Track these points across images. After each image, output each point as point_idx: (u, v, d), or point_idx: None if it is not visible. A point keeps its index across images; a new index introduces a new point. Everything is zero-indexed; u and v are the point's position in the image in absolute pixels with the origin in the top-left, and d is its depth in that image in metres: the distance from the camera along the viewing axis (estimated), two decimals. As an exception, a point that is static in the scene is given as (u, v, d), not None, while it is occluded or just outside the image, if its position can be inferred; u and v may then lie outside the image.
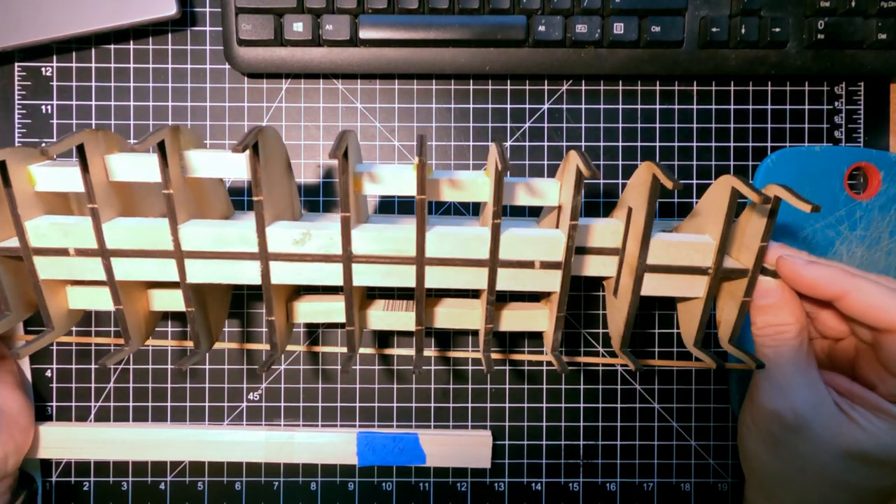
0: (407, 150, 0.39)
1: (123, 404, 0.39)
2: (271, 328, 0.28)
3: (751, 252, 0.28)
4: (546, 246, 0.28)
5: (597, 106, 0.39)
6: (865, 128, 0.39)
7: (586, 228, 0.29)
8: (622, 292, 0.29)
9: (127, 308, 0.28)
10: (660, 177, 0.25)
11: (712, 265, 0.28)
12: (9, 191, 0.26)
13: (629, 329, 0.29)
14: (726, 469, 0.40)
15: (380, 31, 0.35)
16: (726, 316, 0.30)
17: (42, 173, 0.28)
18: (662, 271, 0.28)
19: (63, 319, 0.30)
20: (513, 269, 0.28)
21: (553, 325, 0.29)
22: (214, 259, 0.27)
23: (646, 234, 0.27)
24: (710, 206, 0.29)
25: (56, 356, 0.39)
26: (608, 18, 0.35)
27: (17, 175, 0.27)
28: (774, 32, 0.35)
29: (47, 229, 0.27)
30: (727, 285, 0.30)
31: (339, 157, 0.24)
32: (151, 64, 0.38)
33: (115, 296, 0.28)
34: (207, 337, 0.30)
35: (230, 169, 0.27)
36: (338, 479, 0.39)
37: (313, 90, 0.39)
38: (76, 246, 0.27)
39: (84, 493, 0.39)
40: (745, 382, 0.38)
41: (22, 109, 0.38)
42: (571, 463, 0.40)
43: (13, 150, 0.27)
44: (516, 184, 0.29)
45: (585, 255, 0.29)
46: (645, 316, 0.39)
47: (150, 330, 0.31)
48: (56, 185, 0.28)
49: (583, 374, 0.39)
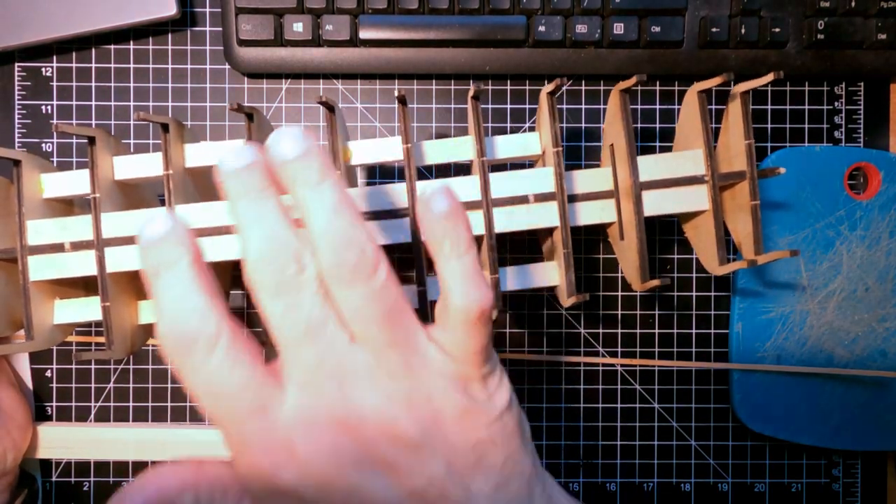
0: (407, 150, 0.39)
1: (123, 404, 0.39)
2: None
3: (742, 156, 0.28)
4: (537, 179, 0.28)
5: (597, 106, 0.39)
6: (865, 128, 0.39)
7: (573, 176, 0.29)
8: (627, 226, 0.28)
9: (114, 310, 0.28)
10: (623, 84, 0.27)
11: (706, 171, 0.28)
12: (19, 185, 0.27)
13: (644, 259, 0.27)
14: (726, 469, 0.40)
15: (380, 31, 0.35)
16: (742, 231, 0.29)
17: (50, 180, 0.29)
18: (660, 186, 0.28)
19: (45, 334, 0.29)
20: (507, 208, 0.28)
21: (563, 266, 0.28)
22: (211, 236, 0.28)
23: (631, 153, 0.27)
24: (687, 125, 0.30)
25: (56, 356, 0.39)
26: (608, 18, 0.35)
27: (28, 180, 0.28)
28: (774, 32, 0.35)
29: (46, 226, 0.28)
30: (730, 198, 0.29)
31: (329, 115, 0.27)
32: (151, 64, 0.38)
33: (104, 292, 0.27)
34: (121, 340, 0.28)
35: None
36: (338, 479, 0.39)
37: (313, 90, 0.39)
38: (72, 240, 0.28)
39: (84, 493, 0.39)
40: (746, 382, 0.38)
41: (22, 109, 0.38)
42: (571, 463, 0.40)
43: (28, 156, 0.28)
44: (496, 138, 0.30)
45: (579, 203, 0.29)
46: (645, 316, 0.39)
47: (135, 343, 0.30)
48: (63, 190, 0.29)
49: (583, 374, 0.39)
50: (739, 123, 0.28)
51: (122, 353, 0.28)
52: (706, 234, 0.29)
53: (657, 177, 0.28)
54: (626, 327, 0.39)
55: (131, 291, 0.30)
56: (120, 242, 0.28)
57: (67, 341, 0.38)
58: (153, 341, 0.38)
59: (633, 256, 0.28)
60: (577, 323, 0.39)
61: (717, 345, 0.39)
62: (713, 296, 0.39)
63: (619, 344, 0.39)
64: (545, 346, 0.39)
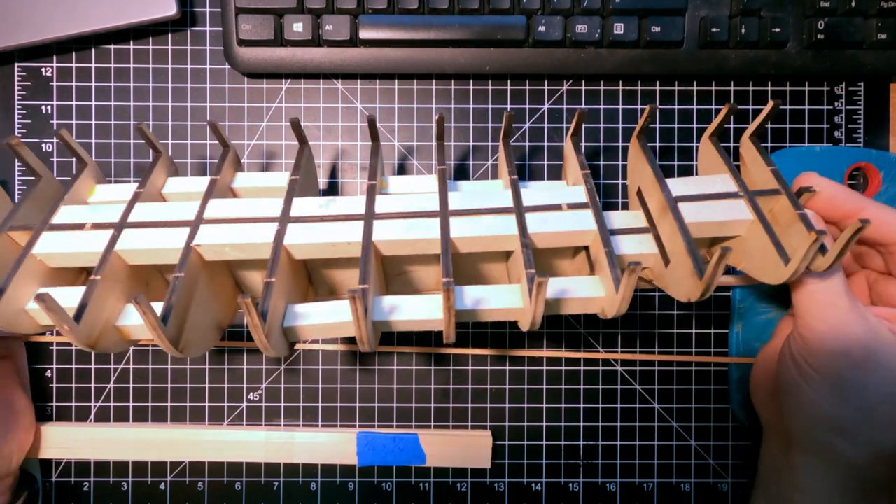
0: (406, 149, 0.39)
1: (123, 404, 0.39)
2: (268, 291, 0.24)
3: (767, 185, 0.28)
4: (568, 193, 0.29)
5: (597, 106, 0.39)
6: (865, 128, 0.38)
7: (607, 217, 0.28)
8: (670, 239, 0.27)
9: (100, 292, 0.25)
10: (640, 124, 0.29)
11: (737, 187, 0.28)
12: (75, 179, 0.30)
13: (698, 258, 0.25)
14: (726, 469, 0.40)
15: (380, 31, 0.35)
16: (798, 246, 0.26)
17: (101, 189, 0.31)
18: (695, 200, 0.28)
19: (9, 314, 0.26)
20: (541, 213, 0.28)
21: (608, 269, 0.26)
22: (232, 224, 0.27)
23: (659, 177, 0.28)
24: (708, 169, 0.30)
25: (56, 356, 0.39)
26: (608, 18, 0.35)
27: (84, 183, 0.31)
28: (774, 32, 0.35)
29: (78, 209, 0.29)
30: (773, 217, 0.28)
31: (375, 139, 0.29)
32: (151, 64, 0.38)
33: (101, 264, 0.26)
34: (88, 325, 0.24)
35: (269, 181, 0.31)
36: (338, 480, 0.39)
37: (313, 90, 0.39)
38: (96, 221, 0.28)
39: (84, 493, 0.39)
40: (746, 382, 0.38)
41: (22, 109, 0.38)
42: (571, 463, 0.40)
43: (95, 166, 0.32)
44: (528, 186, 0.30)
45: (617, 236, 0.28)
46: (645, 316, 0.39)
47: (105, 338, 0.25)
48: (108, 196, 0.30)
49: (583, 374, 0.39)
50: (758, 159, 0.29)
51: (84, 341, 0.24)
52: (755, 247, 0.28)
53: (690, 192, 0.28)
54: (626, 327, 0.39)
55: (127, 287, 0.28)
56: (143, 226, 0.28)
57: (67, 341, 0.38)
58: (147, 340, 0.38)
59: (685, 266, 0.26)
60: (577, 323, 0.39)
61: (717, 345, 0.39)
62: (713, 296, 0.39)
63: (619, 344, 0.39)
64: (545, 346, 0.39)
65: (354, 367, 0.39)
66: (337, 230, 0.27)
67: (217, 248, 0.27)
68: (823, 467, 0.29)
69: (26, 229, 0.27)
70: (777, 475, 0.32)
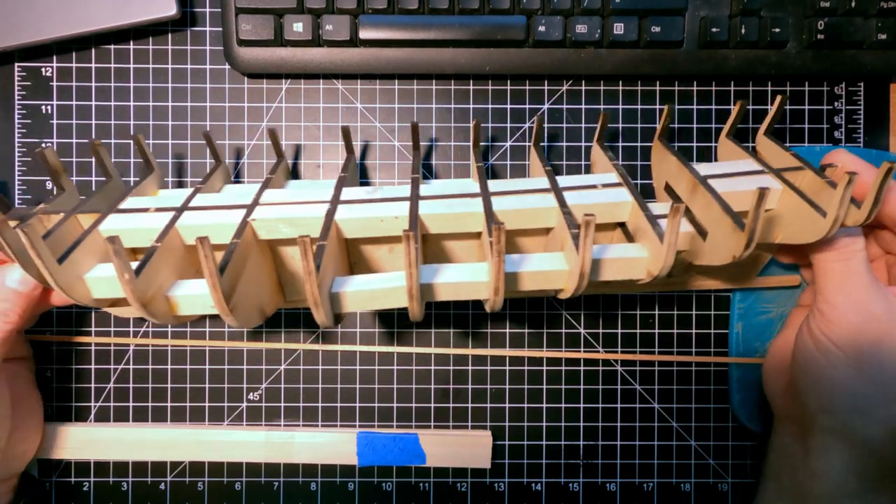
0: (406, 149, 0.39)
1: (123, 404, 0.39)
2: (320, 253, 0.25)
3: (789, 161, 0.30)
4: (600, 178, 0.30)
5: (597, 106, 0.39)
6: (865, 128, 0.38)
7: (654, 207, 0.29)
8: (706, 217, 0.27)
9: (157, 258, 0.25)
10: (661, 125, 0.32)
11: (762, 167, 0.29)
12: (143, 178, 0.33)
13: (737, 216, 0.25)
14: (726, 469, 0.40)
15: (380, 31, 0.35)
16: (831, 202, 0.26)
17: (163, 192, 0.34)
18: (723, 177, 0.29)
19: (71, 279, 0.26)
20: (578, 191, 0.29)
21: (649, 229, 0.26)
22: (285, 205, 0.29)
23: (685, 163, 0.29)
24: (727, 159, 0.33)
25: (56, 356, 0.39)
26: (608, 18, 0.35)
27: (150, 184, 0.33)
28: (774, 32, 0.35)
29: (144, 199, 0.31)
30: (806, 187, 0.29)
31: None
32: (151, 64, 0.38)
33: (162, 235, 0.26)
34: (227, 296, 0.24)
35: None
36: (338, 480, 0.39)
37: (313, 90, 0.39)
38: (159, 206, 0.29)
39: (84, 493, 0.39)
40: (746, 382, 0.38)
41: (22, 109, 0.38)
42: (571, 463, 0.40)
43: (161, 172, 0.35)
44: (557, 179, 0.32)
45: None
46: (645, 316, 0.39)
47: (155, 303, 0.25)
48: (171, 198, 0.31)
49: (583, 374, 0.39)
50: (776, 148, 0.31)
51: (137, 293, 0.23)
52: (789, 214, 0.28)
53: (717, 172, 0.29)
54: (626, 327, 0.39)
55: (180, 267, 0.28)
56: (201, 208, 0.29)
57: (67, 341, 0.38)
58: (151, 341, 0.38)
59: (723, 227, 0.26)
60: (577, 323, 0.39)
61: (717, 345, 0.39)
62: (713, 296, 0.39)
63: (619, 344, 0.39)
64: (545, 346, 0.39)
65: (354, 367, 0.39)
66: (384, 208, 0.28)
67: (271, 223, 0.28)
68: (840, 448, 0.29)
69: (94, 212, 0.29)
70: (791, 465, 0.32)
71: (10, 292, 0.29)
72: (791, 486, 0.31)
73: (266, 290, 0.31)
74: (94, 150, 0.32)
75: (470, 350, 0.39)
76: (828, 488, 0.29)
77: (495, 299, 0.25)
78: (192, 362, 0.39)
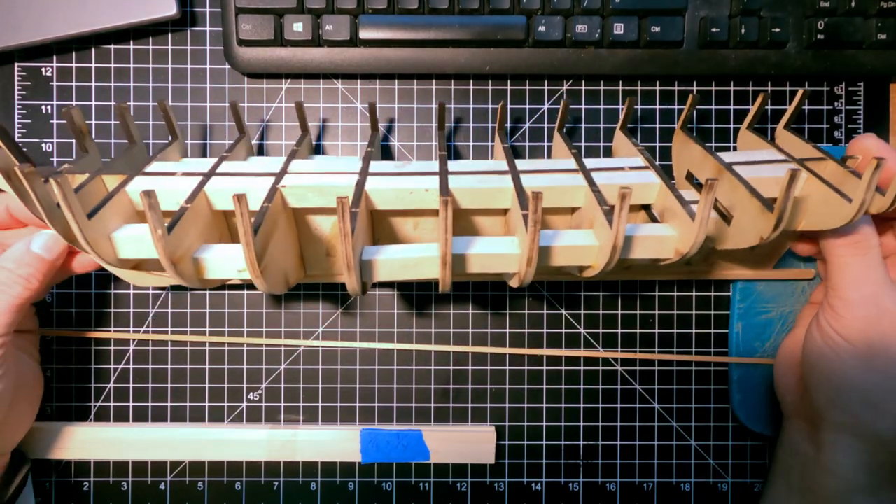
0: (406, 149, 0.39)
1: (123, 404, 0.39)
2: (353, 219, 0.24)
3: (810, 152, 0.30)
4: (626, 161, 0.31)
5: (597, 106, 0.39)
6: (865, 128, 0.38)
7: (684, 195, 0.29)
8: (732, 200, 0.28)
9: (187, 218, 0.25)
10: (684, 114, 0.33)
11: (784, 156, 0.30)
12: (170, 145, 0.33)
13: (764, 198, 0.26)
14: (726, 469, 0.40)
15: (380, 31, 0.35)
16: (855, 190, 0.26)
17: (188, 160, 0.33)
18: (747, 164, 0.29)
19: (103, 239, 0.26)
20: (606, 172, 0.30)
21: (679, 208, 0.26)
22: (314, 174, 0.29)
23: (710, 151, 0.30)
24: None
25: (56, 356, 0.39)
26: (608, 18, 0.35)
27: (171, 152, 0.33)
28: (774, 32, 0.35)
29: (170, 164, 0.31)
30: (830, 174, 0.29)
31: None
32: (151, 64, 0.38)
33: (192, 196, 0.27)
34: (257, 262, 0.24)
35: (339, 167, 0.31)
36: (338, 479, 0.39)
37: (313, 90, 0.39)
38: (186, 171, 0.29)
39: (84, 493, 0.39)
40: (745, 382, 0.38)
41: (22, 109, 0.38)
42: (571, 463, 0.40)
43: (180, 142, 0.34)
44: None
45: None
46: (645, 316, 0.39)
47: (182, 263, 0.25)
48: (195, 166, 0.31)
49: (583, 374, 0.39)
50: (797, 141, 0.31)
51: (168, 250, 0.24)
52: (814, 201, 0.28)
53: (741, 159, 0.30)
54: (626, 327, 0.39)
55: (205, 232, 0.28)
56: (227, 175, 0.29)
57: (67, 342, 0.38)
58: (152, 337, 0.38)
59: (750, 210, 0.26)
60: (577, 323, 0.39)
61: (717, 345, 0.39)
62: (713, 296, 0.39)
63: (619, 344, 0.39)
64: (545, 346, 0.39)
65: (354, 367, 0.39)
66: (414, 181, 0.29)
67: (300, 191, 0.28)
68: (851, 443, 0.29)
69: (120, 174, 0.29)
70: (801, 462, 0.32)
71: (34, 258, 0.30)
72: (800, 483, 0.31)
73: (291, 259, 0.31)
74: (119, 114, 0.32)
75: (470, 348, 0.39)
76: (838, 484, 0.29)
77: (527, 270, 0.25)
78: (192, 362, 0.39)
